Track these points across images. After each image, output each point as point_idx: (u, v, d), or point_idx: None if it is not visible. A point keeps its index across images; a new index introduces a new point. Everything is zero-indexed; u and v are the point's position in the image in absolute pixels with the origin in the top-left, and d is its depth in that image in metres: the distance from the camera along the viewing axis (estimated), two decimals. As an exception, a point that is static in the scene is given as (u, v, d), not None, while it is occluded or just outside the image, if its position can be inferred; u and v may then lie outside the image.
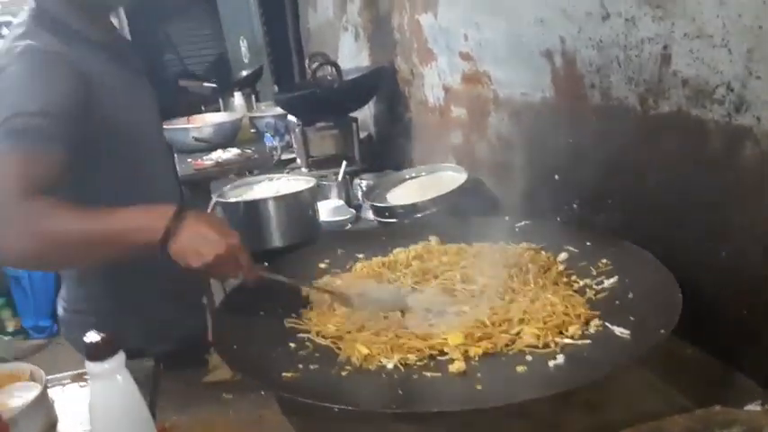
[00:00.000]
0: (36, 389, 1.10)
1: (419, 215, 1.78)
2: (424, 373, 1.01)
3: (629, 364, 0.95)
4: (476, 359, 1.03)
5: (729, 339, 1.08)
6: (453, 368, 1.01)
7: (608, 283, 1.20)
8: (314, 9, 3.56)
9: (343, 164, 2.24)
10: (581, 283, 1.23)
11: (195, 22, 5.74)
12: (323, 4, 3.38)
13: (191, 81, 4.56)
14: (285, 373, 1.03)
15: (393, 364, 1.03)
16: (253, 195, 1.85)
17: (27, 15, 1.32)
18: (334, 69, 2.42)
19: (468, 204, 1.78)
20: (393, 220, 1.82)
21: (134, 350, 0.86)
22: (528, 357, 1.02)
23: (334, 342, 1.13)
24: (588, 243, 1.32)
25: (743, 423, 0.88)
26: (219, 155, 3.08)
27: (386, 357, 1.05)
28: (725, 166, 1.07)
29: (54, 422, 1.11)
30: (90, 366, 0.81)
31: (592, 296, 1.18)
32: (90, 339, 0.81)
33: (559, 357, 1.00)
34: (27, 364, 1.18)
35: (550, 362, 1.00)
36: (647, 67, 1.19)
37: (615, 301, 1.14)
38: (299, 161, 2.63)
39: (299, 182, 1.90)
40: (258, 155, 3.09)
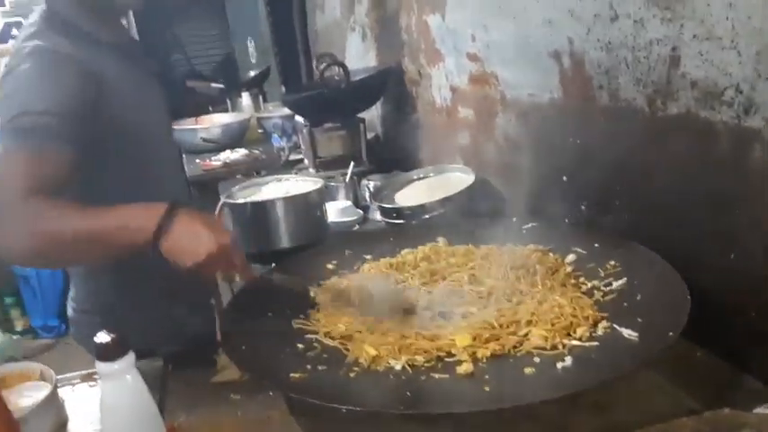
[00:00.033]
0: (46, 388, 1.10)
1: (427, 216, 1.78)
2: (432, 374, 1.02)
3: (637, 367, 0.94)
4: (483, 361, 1.03)
5: (738, 341, 1.08)
6: (461, 369, 1.01)
7: (616, 284, 1.20)
8: (321, 10, 3.57)
9: (351, 165, 2.24)
10: (589, 284, 1.23)
11: (203, 23, 5.76)
12: (330, 5, 3.38)
13: (198, 82, 4.56)
14: (293, 373, 1.03)
15: (401, 366, 1.04)
16: (261, 196, 1.86)
17: (38, 16, 1.32)
18: (341, 70, 2.42)
19: (476, 205, 1.78)
20: (401, 221, 1.82)
21: (142, 350, 0.86)
22: (536, 359, 1.02)
23: (342, 343, 1.14)
24: (596, 245, 1.32)
25: (752, 426, 0.88)
26: (227, 155, 3.08)
27: (394, 358, 1.05)
28: (733, 168, 1.07)
29: (64, 422, 1.12)
30: (100, 366, 0.81)
31: (600, 298, 1.17)
32: (100, 340, 0.82)
33: (567, 359, 1.00)
34: (37, 364, 1.18)
35: (558, 364, 1.00)
36: (655, 69, 1.19)
37: (623, 303, 1.14)
38: (306, 162, 2.63)
39: (306, 183, 1.90)
40: (266, 155, 3.10)
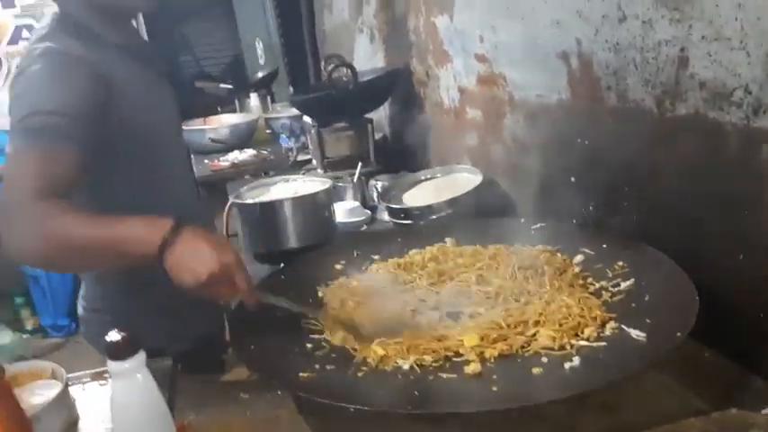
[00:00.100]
0: (57, 387, 1.11)
1: (434, 217, 1.78)
2: (440, 374, 1.02)
3: (645, 368, 0.95)
4: (491, 361, 1.04)
5: (746, 342, 1.08)
6: (469, 369, 1.01)
7: (624, 285, 1.20)
8: (329, 11, 3.57)
9: (359, 165, 2.24)
10: (597, 285, 1.23)
11: (211, 24, 5.77)
12: (338, 6, 3.39)
13: (207, 82, 4.58)
14: (302, 373, 1.04)
15: (409, 365, 1.04)
16: (269, 196, 1.86)
17: (50, 19, 1.34)
18: (349, 71, 2.43)
19: (484, 206, 1.79)
20: (409, 222, 1.83)
21: (152, 350, 0.87)
22: (544, 359, 1.02)
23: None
24: (604, 245, 1.32)
25: (760, 427, 0.88)
26: (236, 156, 3.09)
27: (402, 358, 1.06)
28: (742, 169, 1.06)
29: (75, 420, 1.13)
30: (111, 365, 0.82)
31: (608, 298, 1.17)
32: (111, 338, 0.82)
33: (575, 359, 1.01)
34: (48, 363, 1.19)
35: (566, 364, 1.00)
36: (663, 70, 1.19)
37: (631, 304, 1.13)
38: (314, 162, 2.63)
39: (314, 183, 1.91)
40: (274, 156, 3.11)
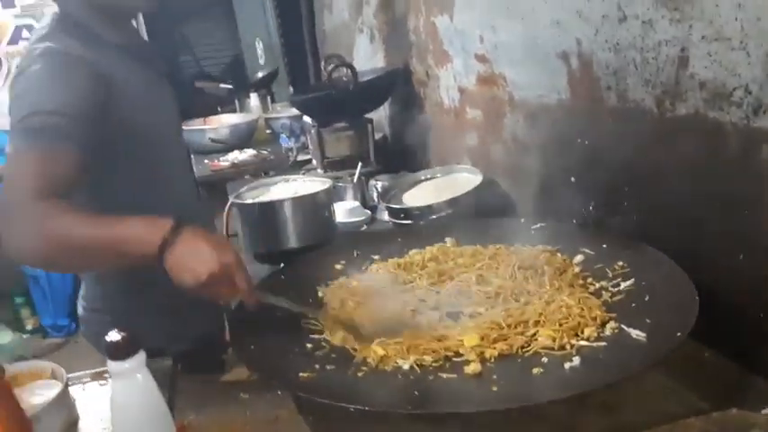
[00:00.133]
0: (57, 387, 1.11)
1: (434, 217, 1.78)
2: (440, 374, 1.02)
3: (644, 368, 0.94)
4: (491, 361, 1.04)
5: (747, 342, 1.08)
6: (469, 369, 1.01)
7: (624, 285, 1.20)
8: (329, 11, 3.57)
9: (359, 165, 2.24)
10: (597, 285, 1.23)
11: (211, 24, 5.77)
12: (338, 6, 3.39)
13: (207, 82, 4.58)
14: (302, 373, 1.04)
15: (409, 365, 1.04)
16: (269, 196, 1.86)
17: (50, 19, 1.34)
18: (349, 71, 2.43)
19: (484, 206, 1.79)
20: (409, 222, 1.83)
21: (151, 349, 0.87)
22: (544, 359, 1.02)
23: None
24: (604, 245, 1.32)
25: (760, 427, 0.88)
26: (236, 156, 3.09)
27: (402, 358, 1.06)
28: (742, 169, 1.07)
29: (75, 420, 1.12)
30: (111, 365, 0.82)
31: (608, 298, 1.18)
32: (111, 338, 0.82)
33: (575, 359, 1.01)
34: (48, 363, 1.19)
35: (566, 364, 1.00)
36: (663, 70, 1.19)
37: (631, 304, 1.14)
38: (314, 162, 2.63)
39: (314, 183, 1.91)
40: (274, 156, 3.11)
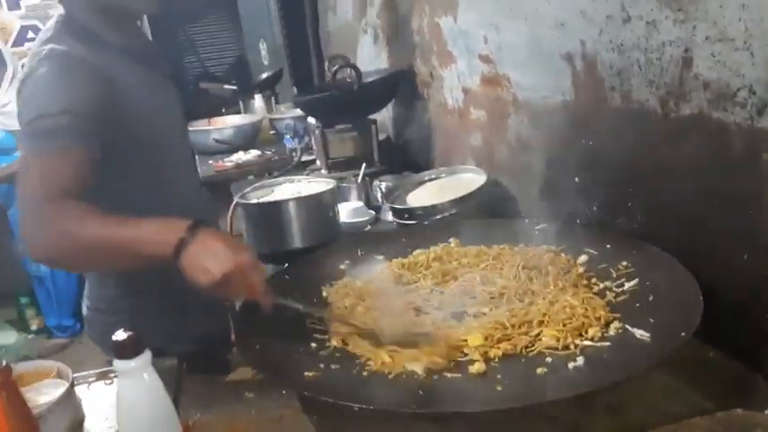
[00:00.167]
0: (63, 386, 1.11)
1: (438, 217, 1.78)
2: (445, 373, 1.02)
3: (649, 367, 0.95)
4: (496, 360, 1.04)
5: (751, 342, 1.08)
6: (473, 369, 1.02)
7: (628, 285, 1.20)
8: (333, 12, 3.58)
9: (363, 166, 2.25)
10: (601, 285, 1.24)
11: (216, 25, 5.79)
12: (342, 7, 3.39)
13: (211, 83, 4.59)
14: (307, 372, 1.05)
15: (421, 369, 1.04)
16: (273, 197, 1.87)
17: (55, 21, 1.35)
18: (353, 71, 2.43)
19: (488, 206, 1.79)
20: (413, 222, 1.83)
21: (155, 349, 0.87)
22: (548, 359, 1.03)
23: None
24: (608, 245, 1.32)
25: (765, 427, 0.88)
26: (240, 156, 3.09)
27: (411, 362, 1.05)
28: (746, 169, 1.06)
29: (81, 419, 1.13)
30: (117, 364, 0.83)
31: (612, 298, 1.18)
32: (117, 338, 0.83)
33: (579, 359, 1.01)
34: (54, 362, 1.19)
35: (570, 364, 1.00)
36: (668, 70, 1.19)
37: (635, 304, 1.14)
38: (318, 163, 2.64)
39: (319, 183, 1.91)
40: (278, 156, 3.10)
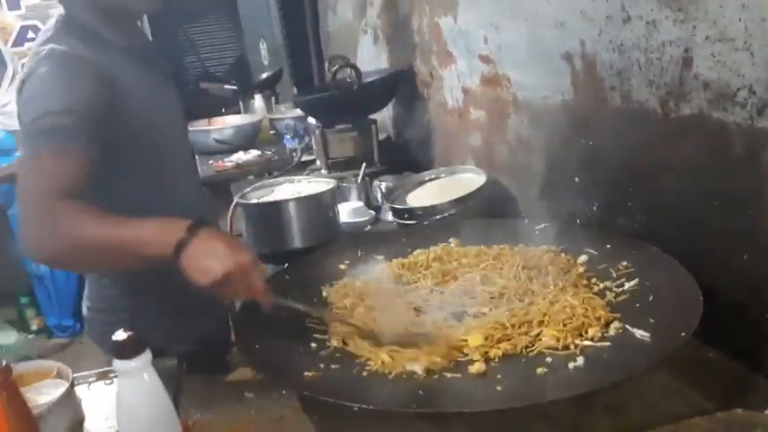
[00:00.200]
0: (63, 386, 1.11)
1: (438, 217, 1.78)
2: (445, 373, 1.02)
3: (649, 368, 0.95)
4: (496, 360, 1.04)
5: (751, 342, 1.08)
6: (473, 369, 1.02)
7: (628, 285, 1.20)
8: (333, 12, 3.58)
9: (363, 166, 2.25)
10: (601, 285, 1.24)
11: (216, 25, 5.78)
12: (342, 7, 3.39)
13: (211, 83, 4.59)
14: (306, 372, 1.05)
15: (420, 368, 1.04)
16: (273, 197, 1.87)
17: (55, 21, 1.35)
18: (353, 72, 2.43)
19: (488, 206, 1.79)
20: (413, 222, 1.83)
21: (155, 349, 0.87)
22: (548, 359, 1.03)
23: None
24: (608, 246, 1.32)
25: (764, 427, 0.88)
26: (240, 156, 3.09)
27: (411, 362, 1.05)
28: (747, 169, 1.06)
29: (81, 419, 1.13)
30: (117, 364, 0.83)
31: (612, 298, 1.18)
32: (117, 338, 0.83)
33: (579, 359, 1.01)
34: (53, 362, 1.19)
35: (570, 364, 1.00)
36: (668, 70, 1.19)
37: (635, 304, 1.14)
38: (318, 163, 2.63)
39: (319, 183, 1.91)
40: (278, 156, 3.10)
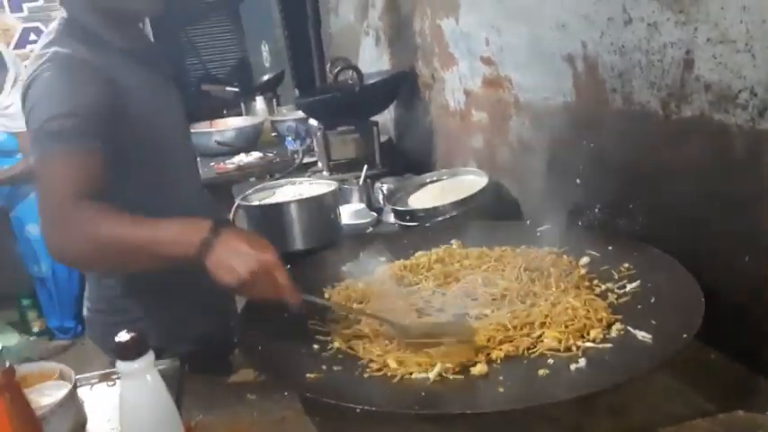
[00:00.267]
0: (66, 388, 1.11)
1: (440, 219, 1.78)
2: (447, 375, 1.02)
3: (650, 369, 0.95)
4: (498, 362, 1.04)
5: (753, 344, 1.08)
6: (475, 371, 1.02)
7: (630, 287, 1.20)
8: (335, 14, 3.58)
9: (365, 167, 2.25)
10: (603, 287, 1.24)
11: (217, 27, 5.79)
12: (344, 9, 3.40)
13: (213, 85, 4.60)
14: (309, 373, 1.05)
15: (434, 374, 1.03)
16: (275, 199, 1.87)
17: (57, 24, 1.35)
18: (354, 73, 2.43)
19: (490, 208, 1.79)
20: (414, 224, 1.83)
21: (154, 349, 0.87)
22: (550, 361, 1.02)
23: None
24: (610, 247, 1.32)
25: (766, 429, 0.88)
26: (241, 158, 3.10)
27: (423, 371, 1.04)
28: (748, 171, 1.07)
29: (84, 421, 1.13)
30: (120, 365, 0.83)
31: (614, 300, 1.18)
32: (120, 339, 0.83)
33: (581, 361, 1.01)
34: (56, 364, 1.19)
35: (572, 365, 1.00)
36: (669, 72, 1.19)
37: (637, 306, 1.14)
38: (320, 165, 2.64)
39: (320, 185, 1.91)
40: (279, 158, 3.10)
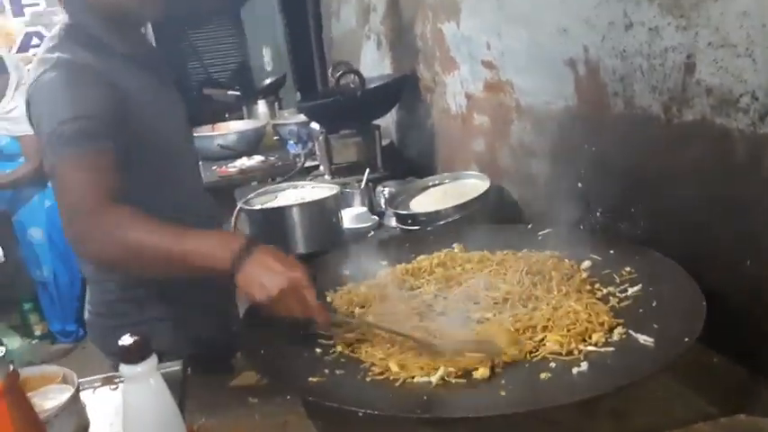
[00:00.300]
0: (68, 391, 1.11)
1: (442, 222, 1.79)
2: (449, 378, 1.02)
3: (652, 372, 0.95)
4: (500, 366, 1.04)
5: (755, 348, 1.08)
6: (477, 374, 1.02)
7: (632, 291, 1.20)
8: (337, 18, 3.59)
9: (366, 171, 2.25)
10: (604, 290, 1.24)
11: (219, 31, 5.81)
12: (346, 13, 3.40)
13: (215, 89, 4.61)
14: (311, 377, 1.05)
15: (436, 378, 1.03)
16: (277, 202, 1.88)
17: (60, 29, 1.36)
18: (356, 77, 2.44)
19: (491, 212, 1.79)
20: (416, 228, 1.83)
21: (160, 354, 0.88)
22: (551, 364, 1.03)
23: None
24: (611, 251, 1.33)
25: (768, 432, 0.88)
26: (243, 162, 3.10)
27: (426, 375, 1.04)
28: (749, 175, 1.07)
29: (86, 424, 1.13)
30: (123, 369, 0.83)
31: (615, 304, 1.18)
32: (124, 342, 0.83)
33: (583, 365, 1.01)
34: (59, 367, 1.19)
35: (574, 369, 1.00)
36: (670, 76, 1.20)
37: (639, 309, 1.14)
38: (322, 168, 2.64)
39: (322, 189, 1.92)
40: (281, 162, 3.11)
